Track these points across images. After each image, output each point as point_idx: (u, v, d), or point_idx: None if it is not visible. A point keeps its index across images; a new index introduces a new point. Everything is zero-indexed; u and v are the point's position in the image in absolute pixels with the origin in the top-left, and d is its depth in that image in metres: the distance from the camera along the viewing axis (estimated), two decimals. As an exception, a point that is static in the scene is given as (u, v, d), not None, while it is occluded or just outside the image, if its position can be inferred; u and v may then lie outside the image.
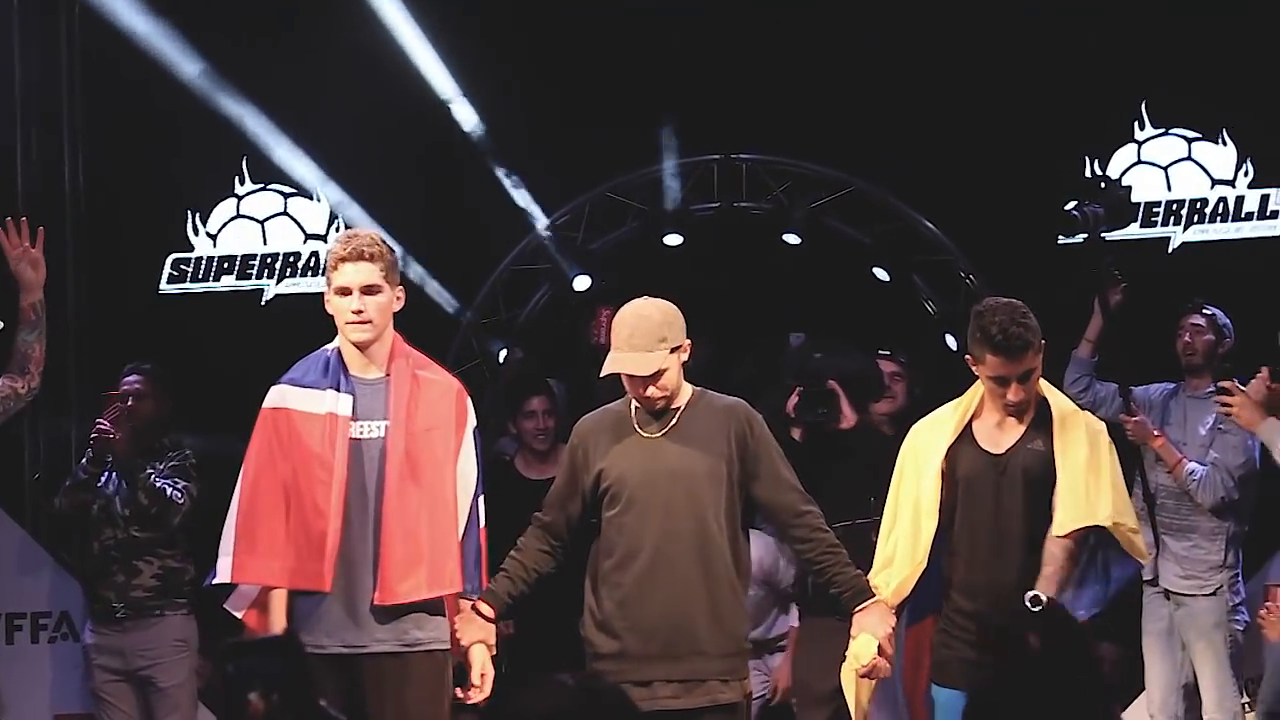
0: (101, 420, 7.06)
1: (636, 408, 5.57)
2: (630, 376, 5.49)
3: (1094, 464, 5.57)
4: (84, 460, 7.22)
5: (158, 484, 7.09)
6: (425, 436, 5.48)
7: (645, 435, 5.53)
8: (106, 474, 7.22)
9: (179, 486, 7.16)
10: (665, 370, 5.47)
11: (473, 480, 5.55)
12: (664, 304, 5.55)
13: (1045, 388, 5.70)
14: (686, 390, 5.58)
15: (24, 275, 6.05)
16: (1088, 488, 5.54)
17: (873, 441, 6.97)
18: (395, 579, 5.41)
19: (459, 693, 5.51)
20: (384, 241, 5.54)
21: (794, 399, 6.96)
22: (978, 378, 5.63)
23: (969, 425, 5.68)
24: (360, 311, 5.46)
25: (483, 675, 5.52)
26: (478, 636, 5.53)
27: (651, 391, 5.49)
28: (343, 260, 5.48)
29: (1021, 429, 5.64)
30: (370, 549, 5.43)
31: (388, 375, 5.53)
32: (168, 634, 7.16)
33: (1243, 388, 6.34)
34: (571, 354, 9.22)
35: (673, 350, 5.48)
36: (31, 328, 6.07)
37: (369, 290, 5.47)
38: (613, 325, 5.56)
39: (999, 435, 5.66)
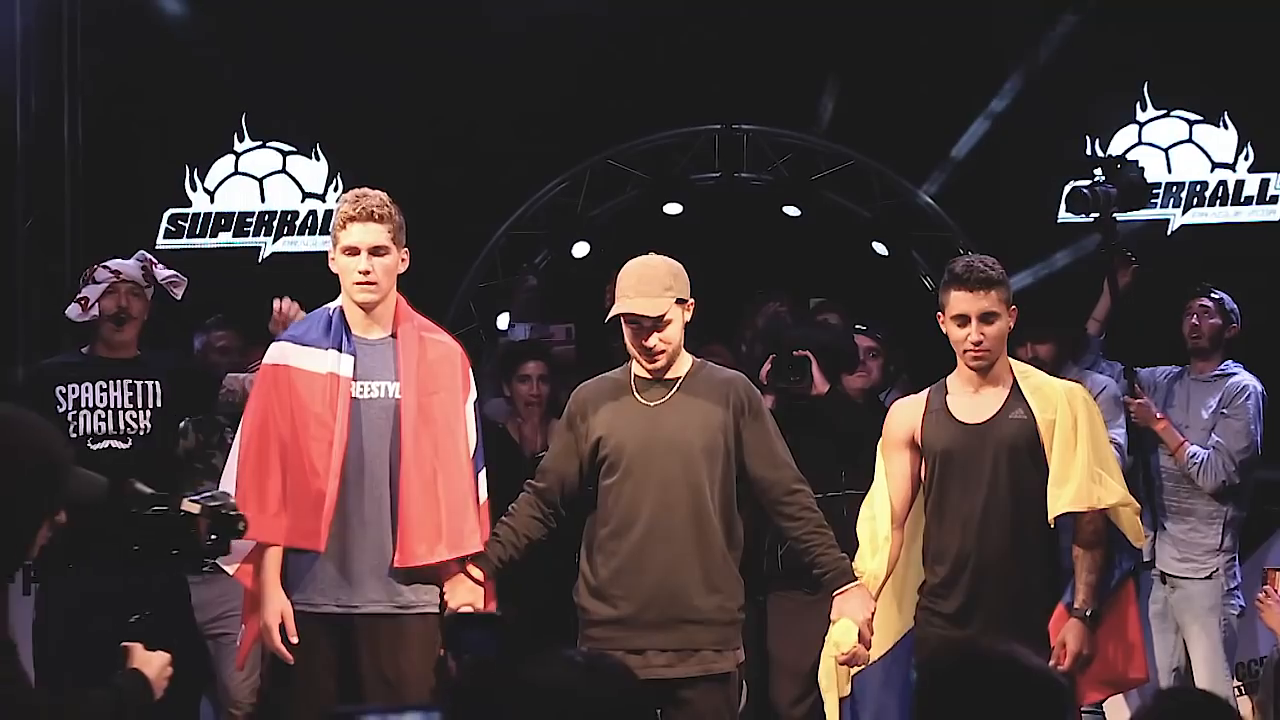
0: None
1: (635, 375, 5.55)
2: (635, 325, 5.45)
3: (1081, 434, 5.49)
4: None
5: None
6: (433, 399, 5.47)
7: (644, 403, 5.51)
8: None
9: None
10: (671, 322, 5.44)
11: (474, 448, 5.52)
12: (669, 260, 5.53)
13: (1013, 362, 5.65)
14: (686, 360, 5.56)
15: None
16: (1080, 464, 5.47)
17: (846, 411, 6.95)
18: (414, 541, 5.39)
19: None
20: (392, 203, 5.52)
21: (767, 366, 6.96)
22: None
23: (944, 401, 5.63)
24: (367, 273, 5.44)
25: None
26: (467, 599, 5.46)
27: (654, 341, 5.44)
28: (351, 220, 5.46)
29: (999, 400, 5.57)
30: (371, 510, 5.43)
31: (393, 336, 5.51)
32: (235, 587, 7.07)
33: None
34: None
35: (678, 301, 5.46)
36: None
37: (377, 251, 5.45)
38: (618, 278, 5.53)
39: (976, 407, 5.60)
